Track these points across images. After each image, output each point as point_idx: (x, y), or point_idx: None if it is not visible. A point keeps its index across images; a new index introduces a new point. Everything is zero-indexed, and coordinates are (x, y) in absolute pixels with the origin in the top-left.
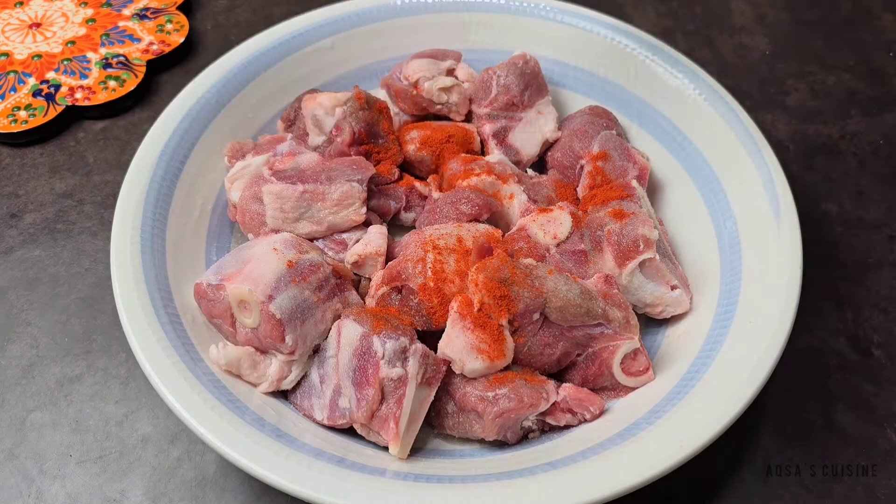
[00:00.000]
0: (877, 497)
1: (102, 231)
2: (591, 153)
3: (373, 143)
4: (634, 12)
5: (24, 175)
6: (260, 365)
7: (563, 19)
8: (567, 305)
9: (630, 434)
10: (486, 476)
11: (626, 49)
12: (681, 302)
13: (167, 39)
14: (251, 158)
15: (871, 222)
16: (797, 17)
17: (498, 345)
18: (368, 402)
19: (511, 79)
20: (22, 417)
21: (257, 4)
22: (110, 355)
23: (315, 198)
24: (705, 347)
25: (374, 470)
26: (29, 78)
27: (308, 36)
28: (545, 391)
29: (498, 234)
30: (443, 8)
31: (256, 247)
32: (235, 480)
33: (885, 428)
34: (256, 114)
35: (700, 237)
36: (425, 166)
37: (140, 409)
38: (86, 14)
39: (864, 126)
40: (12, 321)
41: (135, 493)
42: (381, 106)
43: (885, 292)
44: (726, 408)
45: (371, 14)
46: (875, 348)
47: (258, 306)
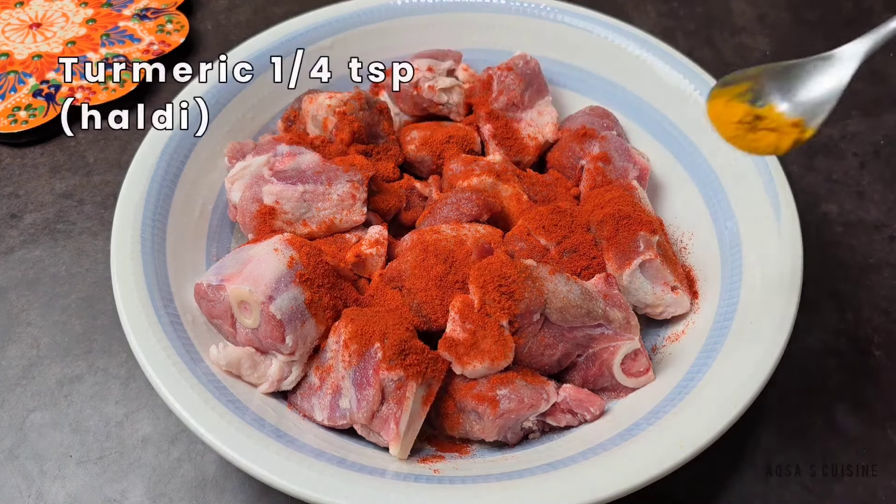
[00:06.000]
0: (877, 497)
1: (103, 231)
2: (592, 153)
3: (373, 144)
4: (634, 12)
5: (25, 175)
6: (260, 365)
7: (563, 19)
8: (567, 306)
9: (630, 434)
10: (486, 476)
11: (626, 49)
12: (681, 303)
13: (167, 39)
14: (251, 159)
15: (871, 222)
16: (798, 17)
17: (499, 345)
18: (369, 402)
19: (511, 79)
20: (22, 417)
21: (257, 4)
22: (110, 355)
23: (315, 198)
24: (705, 348)
25: (375, 470)
26: (29, 78)
27: (308, 36)
28: (545, 392)
29: (498, 235)
30: (443, 8)
31: (257, 247)
32: (235, 481)
33: (885, 428)
34: (256, 114)
35: (700, 237)
36: (425, 166)
37: (140, 410)
38: (86, 14)
39: (864, 126)
40: (12, 321)
41: (135, 493)
42: (381, 106)
43: (886, 293)
44: (727, 408)
45: (371, 14)
46: (875, 348)
47: (258, 307)
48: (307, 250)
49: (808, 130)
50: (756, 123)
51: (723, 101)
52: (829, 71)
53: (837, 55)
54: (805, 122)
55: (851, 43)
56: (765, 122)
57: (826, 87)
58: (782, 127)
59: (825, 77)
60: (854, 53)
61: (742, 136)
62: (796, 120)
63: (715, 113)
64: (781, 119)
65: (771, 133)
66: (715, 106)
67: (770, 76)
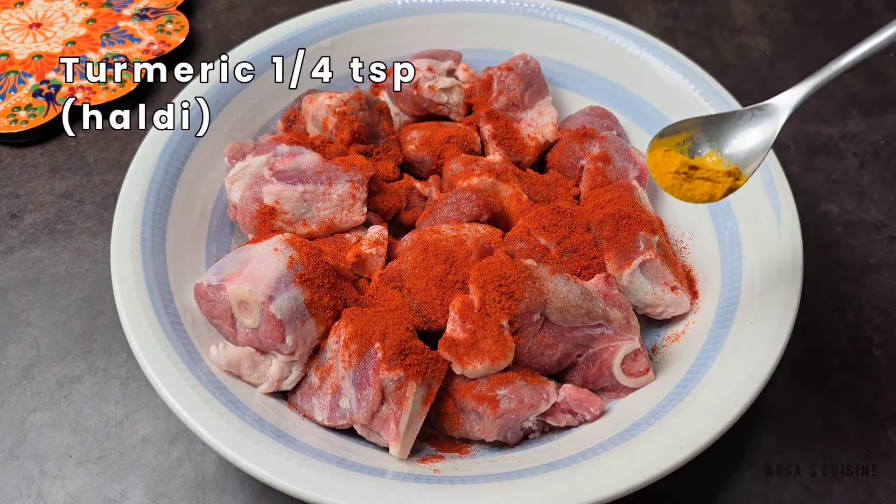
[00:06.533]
0: (877, 497)
1: (103, 231)
2: (592, 153)
3: (373, 144)
4: (634, 12)
5: (25, 175)
6: (260, 365)
7: (563, 19)
8: (567, 306)
9: (630, 435)
10: (486, 476)
11: (626, 49)
12: (681, 303)
13: (167, 39)
14: (251, 159)
15: (871, 222)
16: (797, 17)
17: (499, 345)
18: (369, 402)
19: (511, 79)
20: (22, 418)
21: (257, 4)
22: (110, 355)
23: (315, 198)
24: (705, 348)
25: (375, 470)
26: (29, 78)
27: (308, 36)
28: (545, 392)
29: (498, 235)
30: (443, 8)
31: (257, 247)
32: (235, 481)
33: (885, 428)
34: (256, 114)
35: (700, 237)
36: (425, 166)
37: (140, 410)
38: (86, 14)
39: (864, 126)
40: (12, 321)
41: (135, 493)
42: (381, 106)
43: (886, 293)
44: (727, 408)
45: (371, 14)
46: (875, 349)
47: (258, 307)
48: (307, 250)
49: (743, 178)
50: (692, 173)
51: (661, 152)
52: (762, 121)
53: (772, 105)
54: (739, 170)
55: (786, 93)
56: (699, 172)
57: (759, 136)
58: (716, 176)
59: (758, 127)
60: (787, 103)
61: (678, 185)
62: (731, 168)
63: (654, 163)
64: (716, 168)
65: (706, 182)
66: (654, 157)
67: (706, 126)
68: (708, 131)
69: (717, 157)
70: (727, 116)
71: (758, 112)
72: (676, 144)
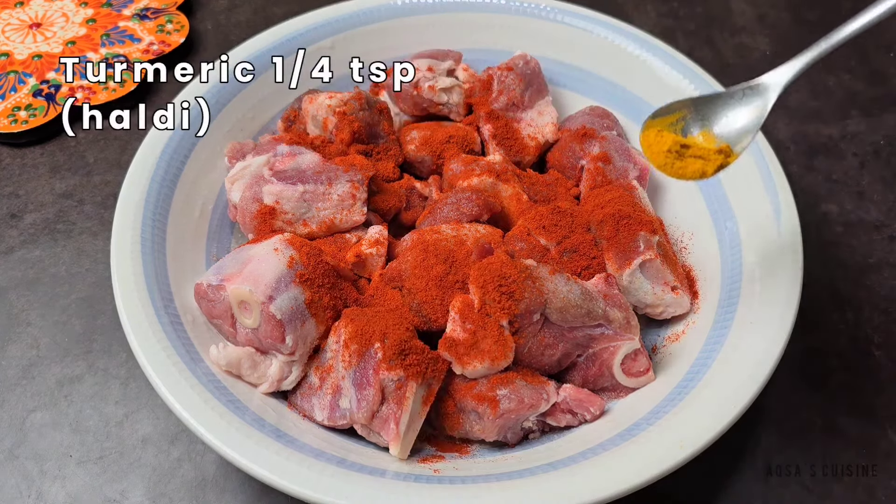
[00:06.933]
0: (877, 497)
1: (102, 231)
2: (592, 153)
3: (373, 144)
4: (634, 12)
5: (25, 175)
6: (260, 365)
7: (563, 19)
8: (567, 306)
9: (630, 435)
10: (486, 476)
11: (626, 49)
12: (681, 303)
13: (167, 39)
14: (251, 159)
15: (871, 222)
16: (798, 17)
17: (499, 345)
18: (369, 402)
19: (511, 79)
20: (22, 417)
21: (257, 4)
22: (110, 355)
23: (315, 198)
24: (705, 348)
25: (375, 470)
26: (29, 78)
27: (308, 36)
28: (545, 392)
29: (498, 235)
30: (443, 8)
31: (257, 247)
32: (235, 481)
33: (885, 428)
34: (256, 114)
35: (700, 237)
36: (425, 166)
37: (140, 410)
38: (86, 14)
39: (864, 126)
40: (12, 321)
41: (135, 493)
42: (381, 106)
43: (886, 293)
44: (727, 408)
45: (371, 14)
46: (875, 349)
47: (258, 307)
48: (307, 250)
49: (733, 156)
50: (683, 151)
51: (654, 132)
52: (753, 100)
53: (763, 83)
54: (730, 148)
55: (776, 70)
56: (691, 150)
57: (750, 115)
58: (707, 154)
59: (749, 106)
60: (778, 82)
61: (671, 163)
62: (722, 146)
63: (647, 143)
64: (707, 146)
65: (697, 160)
66: (647, 136)
67: (698, 106)
68: (700, 111)
69: (709, 136)
70: (718, 96)
71: (749, 91)
72: (669, 124)
